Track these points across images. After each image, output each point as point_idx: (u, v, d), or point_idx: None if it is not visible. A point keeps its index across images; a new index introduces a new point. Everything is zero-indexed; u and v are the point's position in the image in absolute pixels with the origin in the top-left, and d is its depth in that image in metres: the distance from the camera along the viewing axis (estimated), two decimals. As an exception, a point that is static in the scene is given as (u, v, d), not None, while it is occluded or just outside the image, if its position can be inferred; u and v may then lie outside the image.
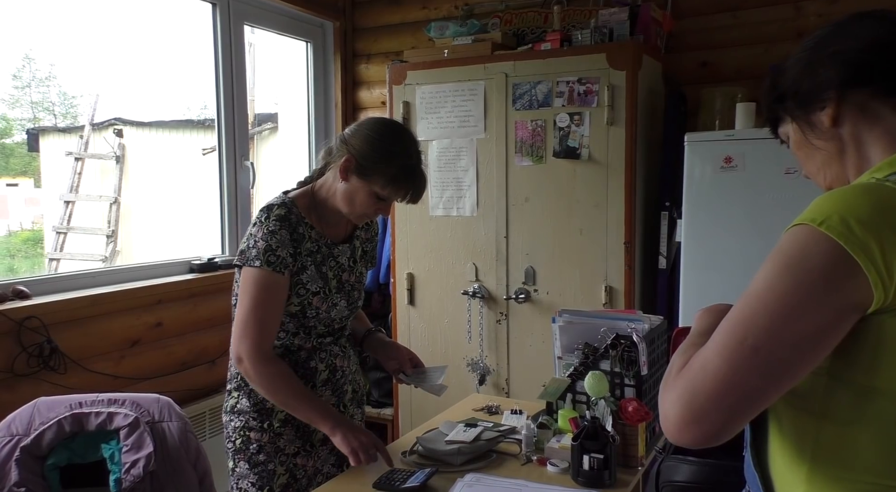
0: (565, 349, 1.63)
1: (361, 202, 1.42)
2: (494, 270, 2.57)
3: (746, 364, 0.66)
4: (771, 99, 0.88)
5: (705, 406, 0.67)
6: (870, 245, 0.65)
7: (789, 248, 0.69)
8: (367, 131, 1.42)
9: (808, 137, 0.84)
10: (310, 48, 3.23)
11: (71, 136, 4.83)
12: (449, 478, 1.38)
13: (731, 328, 0.69)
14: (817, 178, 0.88)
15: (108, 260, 4.41)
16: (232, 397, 1.50)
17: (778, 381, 0.67)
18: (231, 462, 1.49)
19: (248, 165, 2.83)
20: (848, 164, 0.82)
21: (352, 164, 1.40)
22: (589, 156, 2.36)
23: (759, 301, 0.68)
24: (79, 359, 2.07)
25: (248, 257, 1.39)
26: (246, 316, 1.38)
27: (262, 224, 1.40)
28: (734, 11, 2.53)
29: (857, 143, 0.81)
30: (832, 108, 0.80)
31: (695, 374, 0.69)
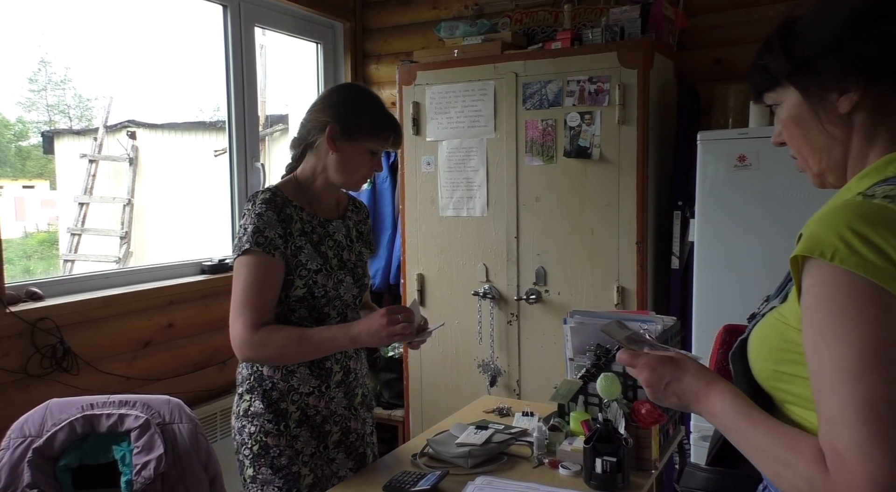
0: (577, 351, 1.61)
1: (357, 164, 1.44)
2: (505, 270, 2.55)
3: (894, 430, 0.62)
4: (776, 64, 0.80)
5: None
6: (879, 263, 0.64)
7: (829, 296, 0.66)
8: (333, 99, 1.45)
9: (812, 118, 0.79)
10: (320, 49, 3.23)
11: (85, 138, 4.88)
12: (460, 481, 1.37)
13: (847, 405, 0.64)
14: (809, 159, 0.83)
15: (122, 261, 4.44)
16: (244, 401, 1.45)
17: None
18: (251, 470, 1.43)
19: (259, 167, 2.83)
20: (851, 154, 0.78)
21: (336, 130, 1.41)
22: (600, 155, 2.34)
23: (848, 364, 0.64)
24: (91, 360, 2.08)
25: (240, 246, 1.38)
26: (235, 300, 1.36)
27: (248, 212, 1.40)
28: (748, 8, 2.50)
29: (865, 135, 0.77)
30: (856, 96, 0.75)
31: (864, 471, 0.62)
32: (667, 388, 0.87)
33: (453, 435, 1.57)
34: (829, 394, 0.66)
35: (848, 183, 0.79)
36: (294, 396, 1.44)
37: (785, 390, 0.78)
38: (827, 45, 0.76)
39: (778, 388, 0.79)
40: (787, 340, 0.76)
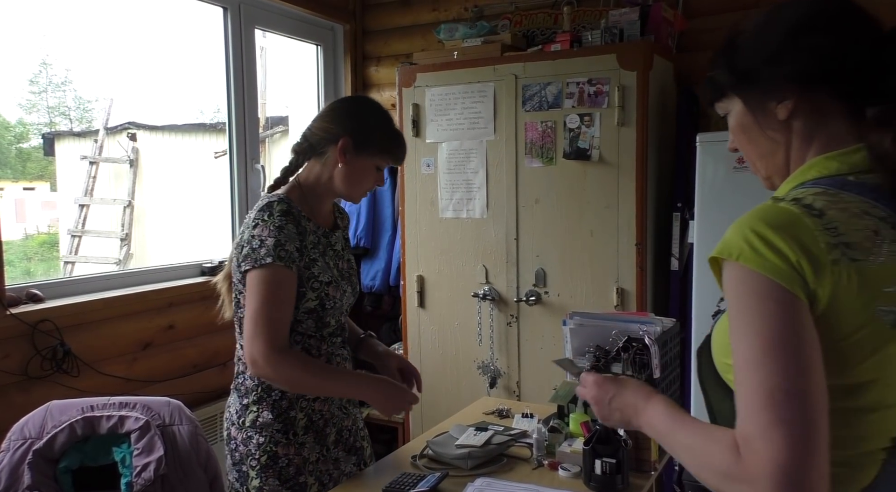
0: (576, 352, 1.62)
1: (364, 178, 1.46)
2: (505, 272, 2.56)
3: (791, 412, 0.67)
4: (722, 74, 0.86)
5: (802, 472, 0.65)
6: (776, 263, 0.70)
7: (738, 293, 0.73)
8: (347, 112, 1.46)
9: (758, 126, 0.84)
10: (320, 51, 3.24)
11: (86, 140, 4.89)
12: (459, 482, 1.37)
13: (751, 393, 0.69)
14: (756, 164, 0.88)
15: (122, 263, 4.45)
16: (251, 412, 1.42)
17: (821, 404, 0.68)
18: (257, 481, 1.41)
19: (259, 168, 2.84)
20: (791, 158, 0.83)
21: (349, 144, 1.42)
22: (599, 157, 2.34)
23: (751, 354, 0.70)
24: (91, 362, 2.08)
25: (257, 258, 1.34)
26: (256, 316, 1.33)
27: (265, 223, 1.36)
28: (747, 10, 2.50)
29: (803, 139, 0.81)
30: (791, 103, 0.80)
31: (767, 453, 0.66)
32: (610, 403, 0.94)
33: (453, 437, 1.57)
34: (739, 383, 0.72)
35: (781, 185, 0.84)
36: (302, 403, 1.45)
37: (732, 380, 0.82)
38: (764, 57, 0.81)
39: (730, 379, 0.83)
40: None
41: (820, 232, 0.71)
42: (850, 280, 0.70)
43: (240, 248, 1.39)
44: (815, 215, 0.72)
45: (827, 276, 0.70)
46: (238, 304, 1.44)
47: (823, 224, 0.72)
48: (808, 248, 0.70)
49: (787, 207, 0.74)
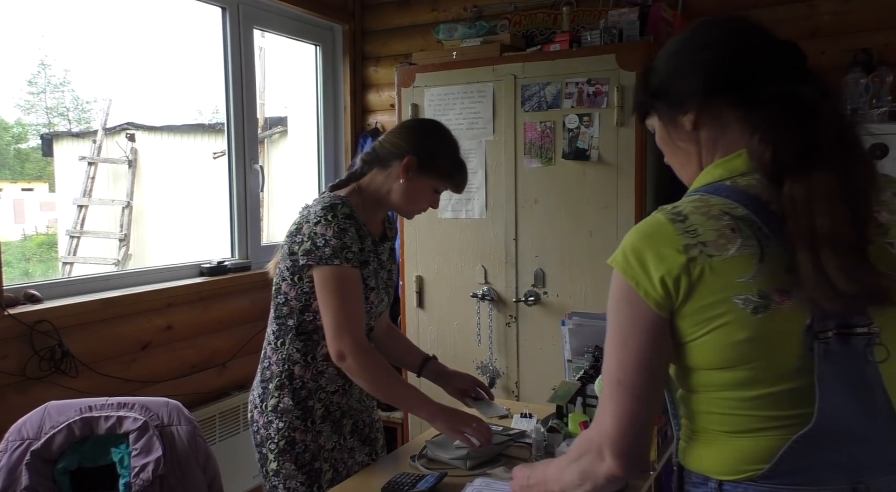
0: (575, 352, 1.62)
1: (422, 198, 1.53)
2: (504, 272, 2.55)
3: (623, 397, 0.84)
4: (641, 95, 0.97)
5: (623, 442, 0.85)
6: (636, 270, 0.82)
7: (610, 293, 0.86)
8: (419, 132, 1.54)
9: (672, 137, 0.93)
10: (319, 51, 3.24)
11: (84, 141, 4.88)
12: (458, 482, 1.37)
13: (603, 374, 0.87)
14: (680, 174, 0.97)
15: (121, 263, 4.44)
16: (273, 397, 1.49)
17: (644, 396, 0.84)
18: (275, 464, 1.49)
19: (258, 169, 2.83)
20: (703, 165, 0.90)
21: (413, 162, 1.48)
22: (598, 157, 2.34)
23: (608, 345, 0.87)
24: (90, 362, 2.08)
25: (321, 256, 1.40)
26: (337, 313, 1.40)
27: (328, 222, 1.41)
28: (747, 10, 2.50)
29: (709, 147, 0.89)
30: (693, 114, 0.89)
31: (600, 422, 0.87)
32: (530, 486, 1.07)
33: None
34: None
35: None
36: (321, 394, 1.51)
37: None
38: (670, 75, 0.91)
39: None
40: None
41: (680, 235, 0.81)
42: (705, 275, 0.79)
43: (297, 238, 1.44)
44: (679, 221, 0.82)
45: (684, 274, 0.79)
46: (279, 290, 1.50)
47: (684, 228, 0.81)
48: (665, 254, 0.80)
49: (657, 217, 0.84)
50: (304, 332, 1.49)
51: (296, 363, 1.49)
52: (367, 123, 3.32)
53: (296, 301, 1.48)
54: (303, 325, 1.48)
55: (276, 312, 1.52)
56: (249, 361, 2.69)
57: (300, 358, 1.49)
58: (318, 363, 1.50)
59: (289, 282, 1.47)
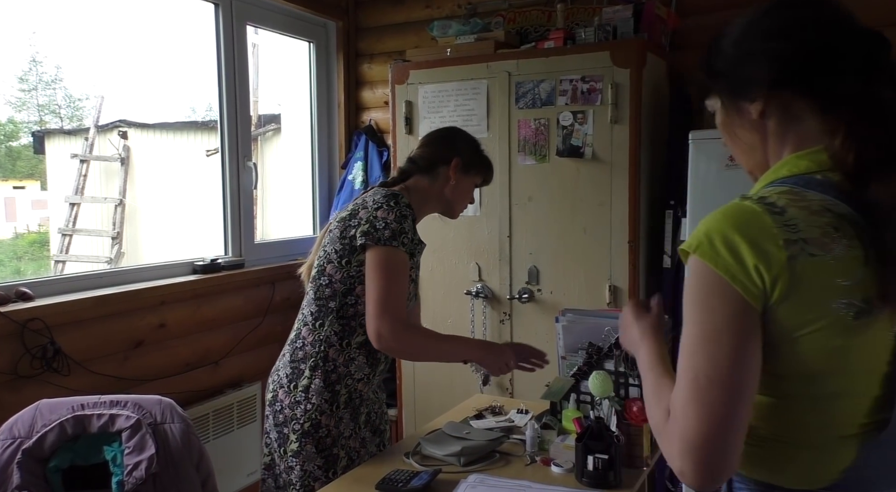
0: (569, 349, 1.62)
1: (468, 194, 1.71)
2: (498, 269, 2.56)
3: (710, 397, 0.75)
4: (704, 75, 0.91)
5: (706, 449, 0.74)
6: (729, 261, 0.74)
7: (691, 284, 0.79)
8: (460, 139, 1.71)
9: (734, 124, 0.89)
10: (313, 48, 3.22)
11: (76, 138, 4.85)
12: (452, 479, 1.37)
13: (683, 372, 0.78)
14: (740, 160, 0.92)
15: (114, 262, 4.42)
16: (305, 377, 1.53)
17: (740, 396, 0.75)
18: (296, 444, 1.52)
19: (251, 166, 2.82)
20: (769, 155, 0.86)
21: (459, 164, 1.65)
22: (593, 154, 2.34)
23: (690, 340, 0.78)
24: (82, 361, 2.07)
25: (380, 237, 1.46)
26: (384, 294, 1.44)
27: (391, 208, 1.50)
28: (740, 8, 2.50)
29: (778, 138, 0.85)
30: (761, 103, 0.84)
31: (681, 425, 0.77)
32: (626, 332, 1.04)
33: (445, 434, 1.57)
34: (678, 361, 0.80)
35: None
36: (348, 380, 1.55)
37: None
38: (737, 60, 0.86)
39: None
40: None
41: (779, 229, 0.74)
42: (806, 275, 0.73)
43: (353, 222, 1.52)
44: (776, 213, 0.75)
45: (784, 272, 0.73)
46: (323, 271, 1.55)
47: (783, 221, 0.75)
48: (764, 247, 0.73)
49: (750, 206, 0.77)
50: (345, 316, 1.54)
51: (331, 346, 1.54)
52: (361, 121, 3.31)
53: (340, 284, 1.53)
54: (344, 308, 1.53)
55: (316, 294, 1.56)
56: (243, 358, 2.68)
57: (336, 341, 1.54)
58: (351, 350, 1.55)
59: (335, 265, 1.53)
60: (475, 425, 1.67)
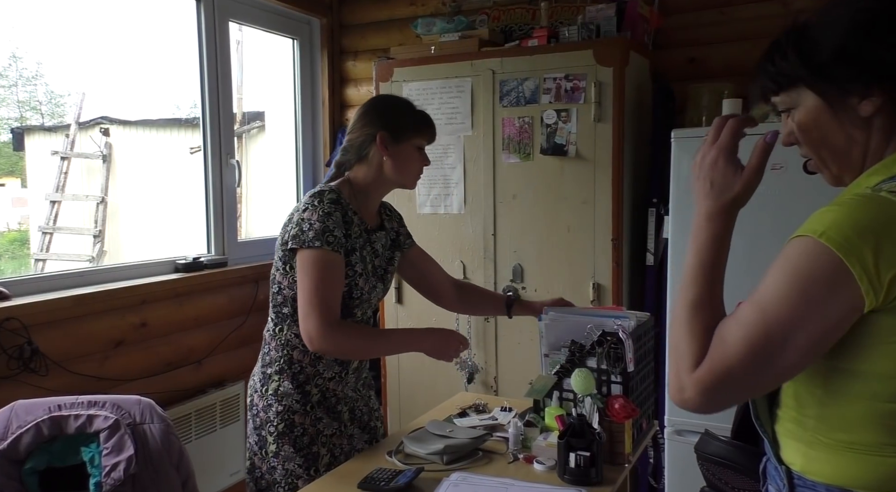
0: (552, 347, 1.62)
1: (411, 161, 1.58)
2: (482, 267, 2.56)
3: (763, 368, 0.73)
4: (791, 68, 0.82)
5: (726, 391, 0.75)
6: (865, 255, 0.70)
7: (797, 258, 0.73)
8: (375, 111, 1.59)
9: (830, 122, 0.81)
10: (296, 45, 3.20)
11: (57, 135, 4.78)
12: (435, 477, 1.37)
13: (761, 319, 0.74)
14: (827, 160, 0.84)
15: (95, 260, 4.36)
16: (273, 381, 1.55)
17: (789, 371, 0.75)
18: (274, 446, 1.54)
19: (234, 164, 2.80)
20: (869, 154, 0.81)
21: (386, 137, 1.54)
22: (576, 153, 2.35)
23: (773, 308, 0.74)
24: (60, 361, 2.04)
25: (304, 239, 1.45)
26: (309, 295, 1.44)
27: (314, 208, 1.47)
28: (722, 8, 2.53)
29: (884, 136, 0.79)
30: (879, 100, 0.77)
31: (719, 354, 0.75)
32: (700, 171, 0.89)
33: (429, 432, 1.57)
34: (750, 301, 0.77)
35: (857, 179, 0.82)
36: (318, 379, 1.56)
37: None
38: (845, 52, 0.77)
39: None
40: None
41: None
42: None
43: (288, 227, 1.50)
44: None
45: None
46: (274, 279, 1.56)
47: None
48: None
49: (889, 198, 0.72)
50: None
51: (294, 348, 1.55)
52: (346, 118, 3.29)
53: (288, 290, 1.53)
54: (298, 312, 1.52)
55: (272, 301, 1.57)
56: (226, 358, 2.66)
57: (298, 343, 1.53)
58: None
59: (281, 271, 1.53)
60: (459, 423, 1.67)
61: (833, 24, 0.79)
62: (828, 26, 0.80)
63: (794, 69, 0.82)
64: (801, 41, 0.81)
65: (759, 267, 0.79)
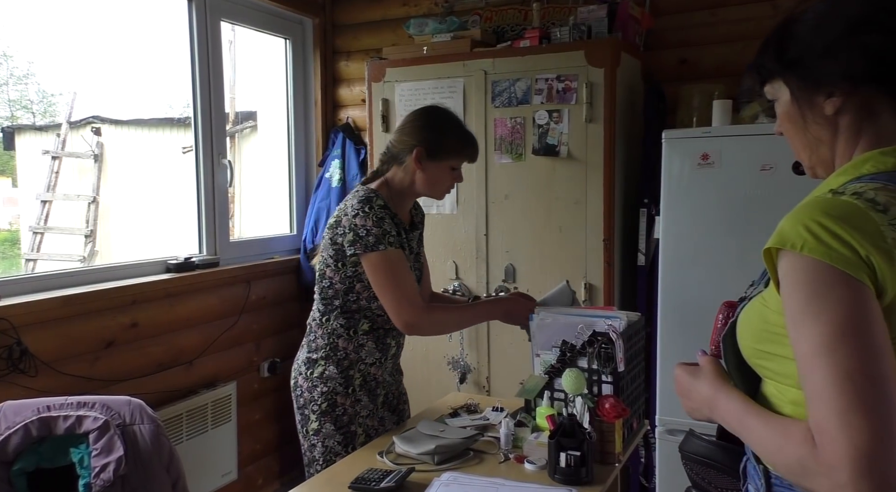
0: (543, 347, 1.63)
1: (442, 179, 1.68)
2: (475, 268, 2.56)
3: (873, 393, 0.64)
4: (772, 60, 0.84)
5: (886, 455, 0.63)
6: (845, 253, 0.69)
7: (800, 281, 0.70)
8: (419, 123, 1.68)
9: (803, 117, 0.83)
10: (289, 45, 3.20)
11: (48, 134, 4.75)
12: (426, 477, 1.37)
13: (826, 379, 0.67)
14: (800, 153, 0.87)
15: (87, 260, 4.34)
16: (319, 366, 1.67)
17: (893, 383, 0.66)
18: (316, 423, 1.66)
19: (226, 163, 2.79)
20: (837, 151, 0.82)
21: (422, 153, 1.64)
22: (568, 153, 2.36)
23: (821, 341, 0.68)
24: (50, 361, 2.03)
25: (367, 244, 1.57)
26: (394, 292, 1.57)
27: (367, 214, 1.58)
28: (713, 9, 2.54)
29: (851, 135, 0.81)
30: (840, 100, 0.79)
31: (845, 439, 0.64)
32: (689, 398, 0.91)
33: (420, 432, 1.57)
34: (809, 371, 0.69)
35: (827, 179, 0.83)
36: (361, 365, 1.68)
37: (765, 366, 0.84)
38: (816, 51, 0.79)
39: (759, 365, 0.84)
40: (767, 321, 0.81)
41: (885, 227, 0.70)
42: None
43: (339, 231, 1.61)
44: (879, 211, 0.71)
45: (890, 273, 0.69)
46: (324, 275, 1.67)
47: (888, 220, 0.71)
48: (876, 242, 0.69)
49: (851, 201, 0.73)
50: (348, 311, 1.66)
51: (340, 337, 1.67)
52: (339, 118, 3.29)
53: (340, 284, 1.65)
54: (347, 304, 1.66)
55: (321, 294, 1.69)
56: (217, 358, 2.65)
57: (343, 332, 1.67)
58: (359, 337, 1.68)
59: (333, 268, 1.64)
60: (450, 423, 1.67)
61: (812, 23, 0.81)
62: (809, 24, 0.81)
63: (770, 63, 0.85)
64: (783, 36, 0.84)
65: (751, 266, 0.78)
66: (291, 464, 3.08)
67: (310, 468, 1.69)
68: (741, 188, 2.10)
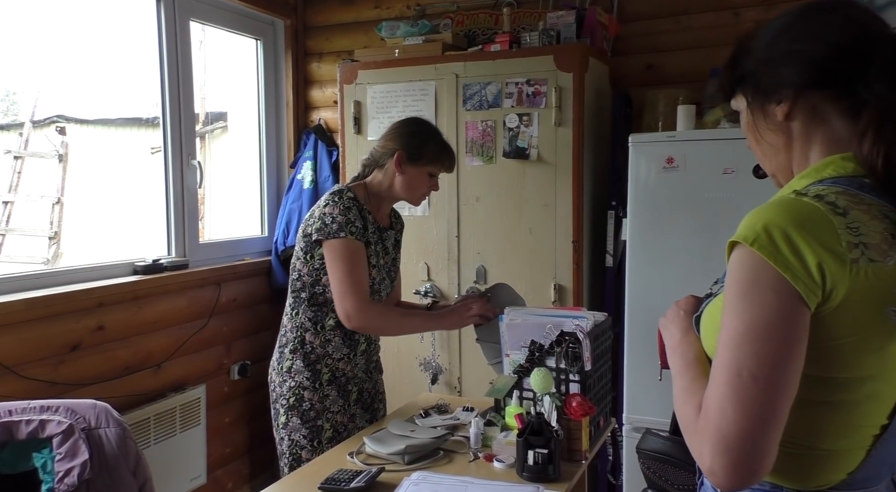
0: (512, 347, 1.65)
1: (420, 184, 1.76)
2: (446, 269, 2.58)
3: (752, 393, 0.71)
4: (731, 75, 0.90)
5: (741, 447, 0.71)
6: (790, 258, 0.72)
7: (740, 275, 0.75)
8: (402, 130, 1.77)
9: (759, 125, 0.88)
10: (260, 46, 3.18)
11: (10, 133, 4.63)
12: (396, 477, 1.38)
13: (723, 366, 0.74)
14: (762, 161, 0.92)
15: (51, 262, 4.24)
16: (287, 359, 1.73)
17: (782, 396, 0.72)
18: (284, 417, 1.72)
19: (195, 164, 2.76)
20: (793, 157, 0.86)
21: (403, 156, 1.72)
22: (538, 156, 2.39)
23: (733, 334, 0.74)
24: (13, 365, 1.99)
25: (329, 231, 1.63)
26: (342, 279, 1.62)
27: (335, 204, 1.66)
28: (677, 16, 2.61)
29: (804, 140, 0.84)
30: (787, 105, 0.84)
31: (716, 421, 0.73)
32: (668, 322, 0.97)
33: (391, 432, 1.58)
34: (717, 355, 0.76)
35: (790, 181, 0.87)
36: (328, 360, 1.73)
37: None
38: (765, 61, 0.85)
39: None
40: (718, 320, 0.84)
41: (843, 231, 0.73)
42: (865, 280, 0.72)
43: (310, 221, 1.68)
44: (839, 214, 0.74)
45: (846, 274, 0.71)
46: (294, 267, 1.73)
47: (846, 223, 0.73)
48: (830, 246, 0.72)
49: (812, 203, 0.75)
50: (315, 304, 1.71)
51: (307, 331, 1.72)
52: (311, 120, 3.28)
53: (307, 276, 1.70)
54: (314, 297, 1.71)
55: (291, 287, 1.75)
56: (186, 361, 2.62)
57: (311, 326, 1.72)
58: (326, 332, 1.72)
59: (302, 260, 1.70)
60: (421, 423, 1.68)
61: (762, 36, 0.87)
62: (760, 38, 0.87)
63: (729, 77, 0.91)
64: (738, 51, 0.89)
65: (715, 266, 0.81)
66: (262, 467, 3.06)
67: (280, 462, 1.74)
68: (705, 191, 2.15)
